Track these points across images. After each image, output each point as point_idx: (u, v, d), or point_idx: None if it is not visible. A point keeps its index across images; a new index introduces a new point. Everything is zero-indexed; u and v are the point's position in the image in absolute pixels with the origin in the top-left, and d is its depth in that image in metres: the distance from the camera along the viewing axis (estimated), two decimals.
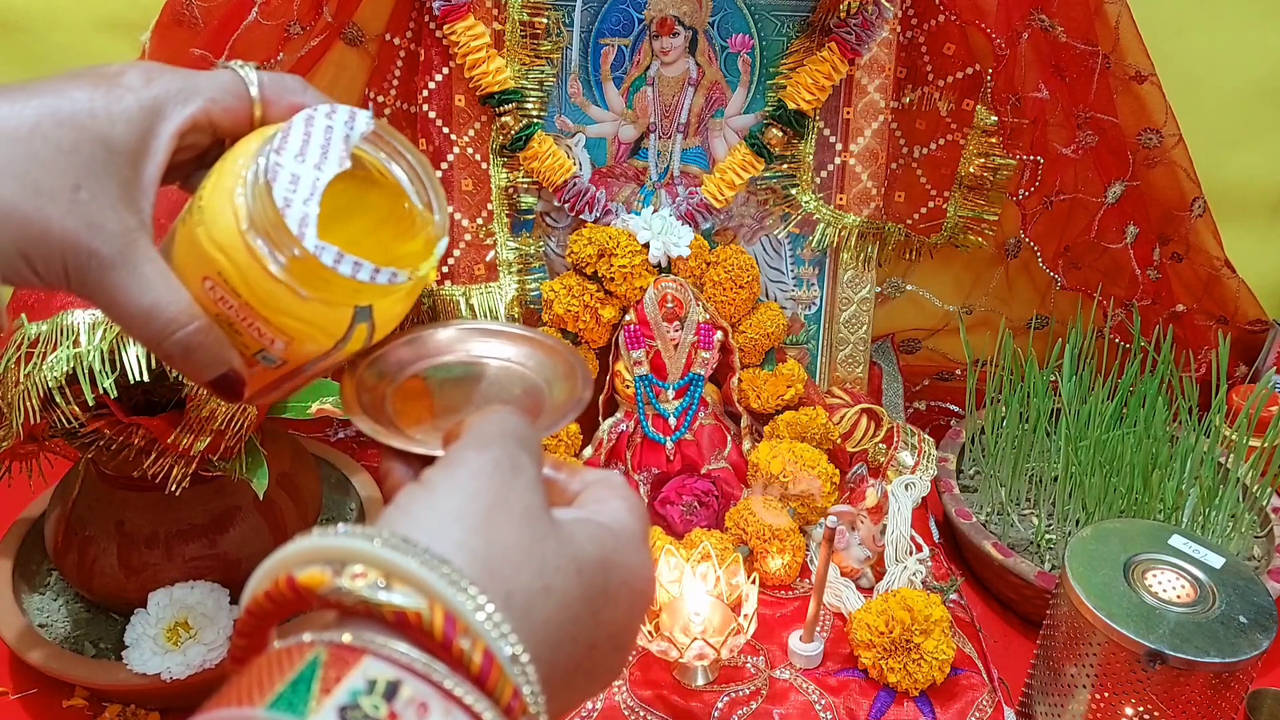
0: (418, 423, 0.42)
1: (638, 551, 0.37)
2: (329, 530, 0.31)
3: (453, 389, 0.45)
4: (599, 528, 0.36)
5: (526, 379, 0.46)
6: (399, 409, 0.43)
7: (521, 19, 0.94)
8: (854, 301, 1.07)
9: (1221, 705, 0.67)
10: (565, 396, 0.44)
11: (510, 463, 0.35)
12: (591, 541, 0.35)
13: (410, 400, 0.44)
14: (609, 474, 0.41)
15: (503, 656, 0.30)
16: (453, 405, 0.44)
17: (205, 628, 0.74)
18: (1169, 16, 1.02)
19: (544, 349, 0.47)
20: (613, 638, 0.35)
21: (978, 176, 1.05)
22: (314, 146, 0.40)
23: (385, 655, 0.28)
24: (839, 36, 0.97)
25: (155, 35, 0.89)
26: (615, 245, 0.95)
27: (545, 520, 0.34)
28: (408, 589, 0.29)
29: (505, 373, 0.46)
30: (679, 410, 0.98)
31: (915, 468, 1.01)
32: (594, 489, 0.39)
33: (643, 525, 0.38)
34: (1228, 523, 0.91)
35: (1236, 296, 1.12)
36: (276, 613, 0.31)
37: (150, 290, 0.40)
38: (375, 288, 0.40)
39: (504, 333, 0.47)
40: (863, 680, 0.79)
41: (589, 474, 0.40)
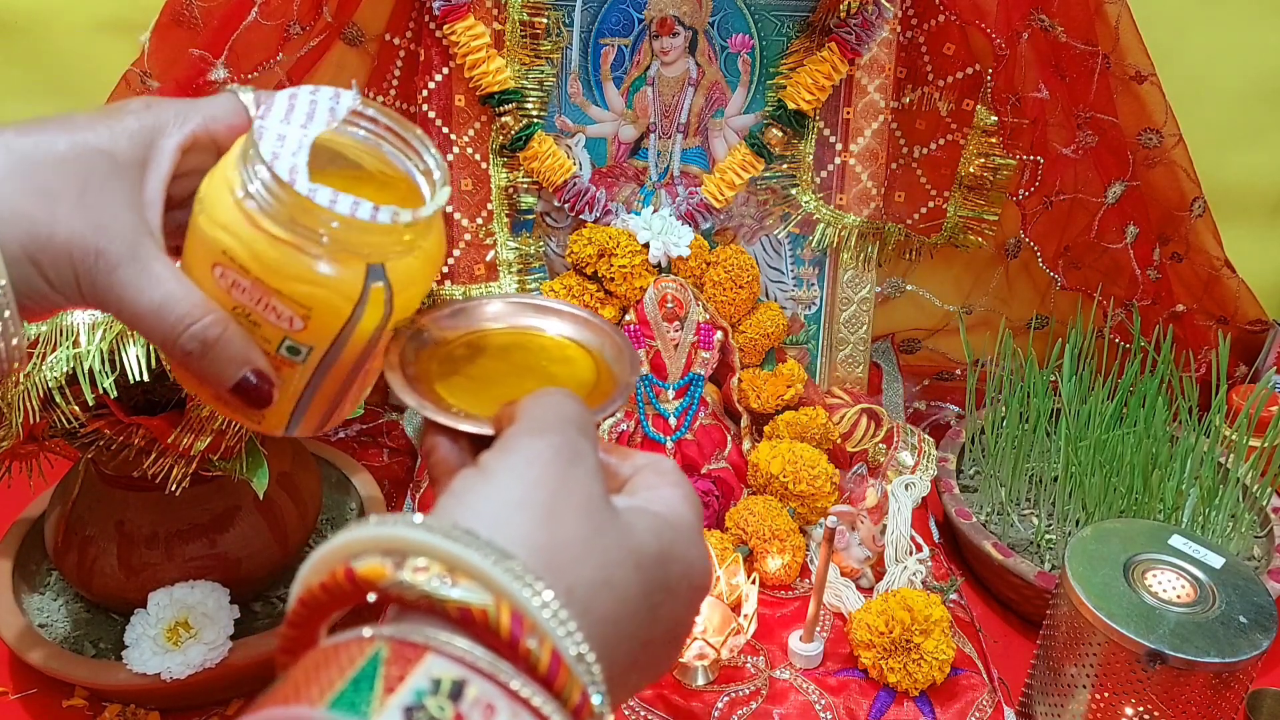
0: (463, 397, 0.40)
1: (695, 544, 0.36)
2: (387, 519, 0.29)
3: (501, 363, 0.43)
4: (656, 519, 0.35)
5: (577, 358, 0.44)
6: (444, 383, 0.41)
7: (521, 19, 0.94)
8: (854, 301, 1.07)
9: (1221, 705, 0.67)
10: (616, 379, 0.42)
11: (570, 450, 0.34)
12: (650, 533, 0.34)
13: (456, 374, 0.42)
14: (659, 459, 0.39)
15: (569, 656, 0.28)
16: (500, 380, 0.42)
17: (205, 628, 0.73)
18: (1169, 16, 1.02)
19: (593, 328, 0.45)
20: (668, 632, 0.34)
21: (978, 176, 1.05)
22: (299, 113, 0.41)
23: (449, 653, 0.27)
24: (839, 36, 0.97)
25: (155, 35, 0.89)
26: (615, 245, 0.95)
27: (606, 510, 0.33)
28: (472, 584, 0.28)
29: (556, 350, 0.44)
30: (679, 410, 0.98)
31: (915, 468, 1.01)
32: (645, 475, 0.38)
33: (697, 515, 0.37)
34: (1228, 523, 0.91)
35: (1236, 296, 1.12)
36: (331, 604, 0.30)
37: (160, 285, 0.39)
38: (381, 236, 0.39)
39: (553, 309, 0.46)
40: (863, 680, 0.79)
41: (639, 458, 0.39)
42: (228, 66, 0.91)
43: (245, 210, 0.39)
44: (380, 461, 1.03)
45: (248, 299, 0.40)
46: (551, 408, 0.36)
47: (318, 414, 0.45)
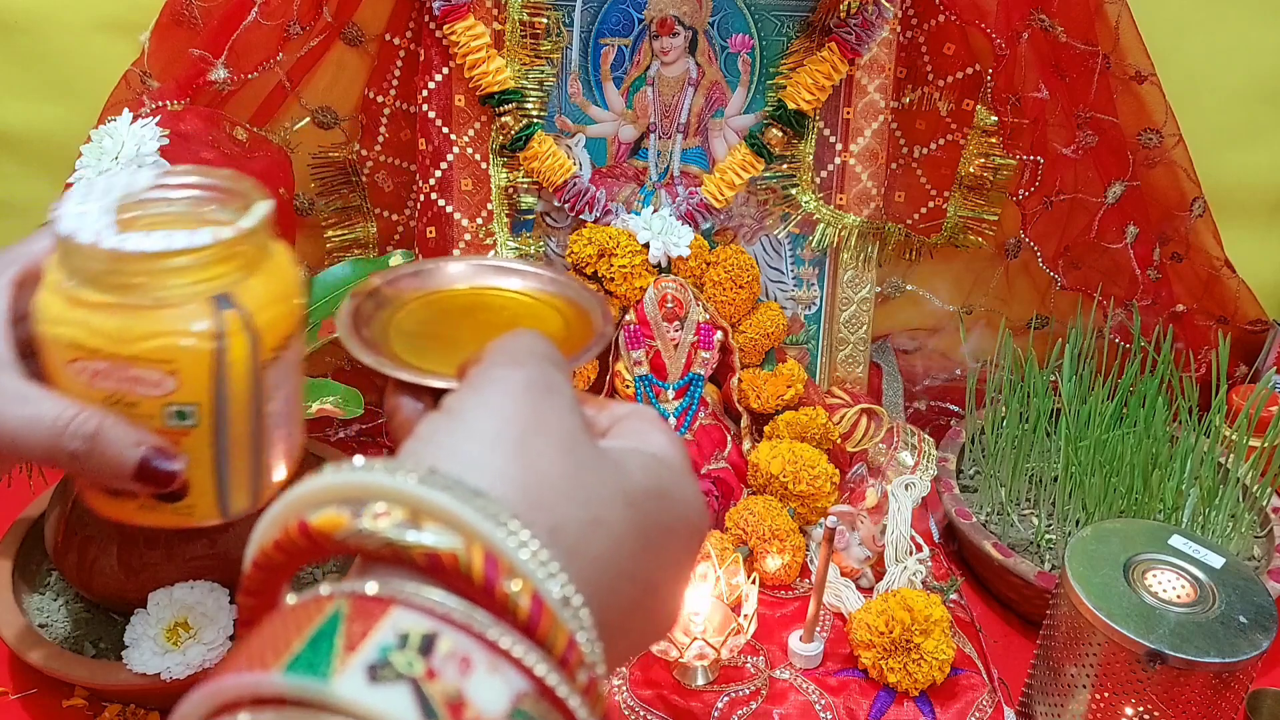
0: (426, 358, 0.38)
1: (690, 483, 0.34)
2: (344, 465, 0.27)
3: (463, 320, 0.41)
4: (649, 457, 0.32)
5: (544, 312, 0.42)
6: (404, 342, 0.39)
7: (521, 19, 0.94)
8: (854, 301, 1.07)
9: (1221, 705, 0.67)
10: (587, 333, 0.40)
11: (544, 382, 0.31)
12: (642, 471, 0.31)
13: (416, 333, 0.40)
14: (641, 407, 0.37)
15: (552, 599, 0.26)
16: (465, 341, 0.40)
17: (205, 628, 0.73)
18: (1169, 16, 1.02)
19: (559, 285, 0.43)
20: (667, 575, 0.32)
21: (978, 176, 1.05)
22: (97, 190, 0.40)
23: (417, 605, 0.24)
24: (839, 36, 0.97)
25: (155, 35, 0.89)
26: (615, 245, 0.95)
27: (589, 445, 0.31)
28: (439, 527, 0.26)
29: (521, 305, 0.42)
30: (679, 410, 0.98)
31: (915, 468, 1.01)
32: (628, 422, 0.35)
33: (687, 459, 0.35)
34: (1228, 523, 0.91)
35: (1236, 296, 1.12)
36: (288, 564, 0.27)
37: (25, 402, 0.39)
38: (209, 261, 0.38)
39: (518, 269, 0.43)
40: (863, 680, 0.79)
41: (618, 408, 0.37)
42: (228, 66, 0.91)
43: (71, 294, 0.38)
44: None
45: (112, 382, 0.39)
46: (521, 343, 0.33)
47: (245, 476, 0.43)
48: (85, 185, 0.41)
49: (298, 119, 0.99)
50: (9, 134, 1.01)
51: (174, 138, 0.75)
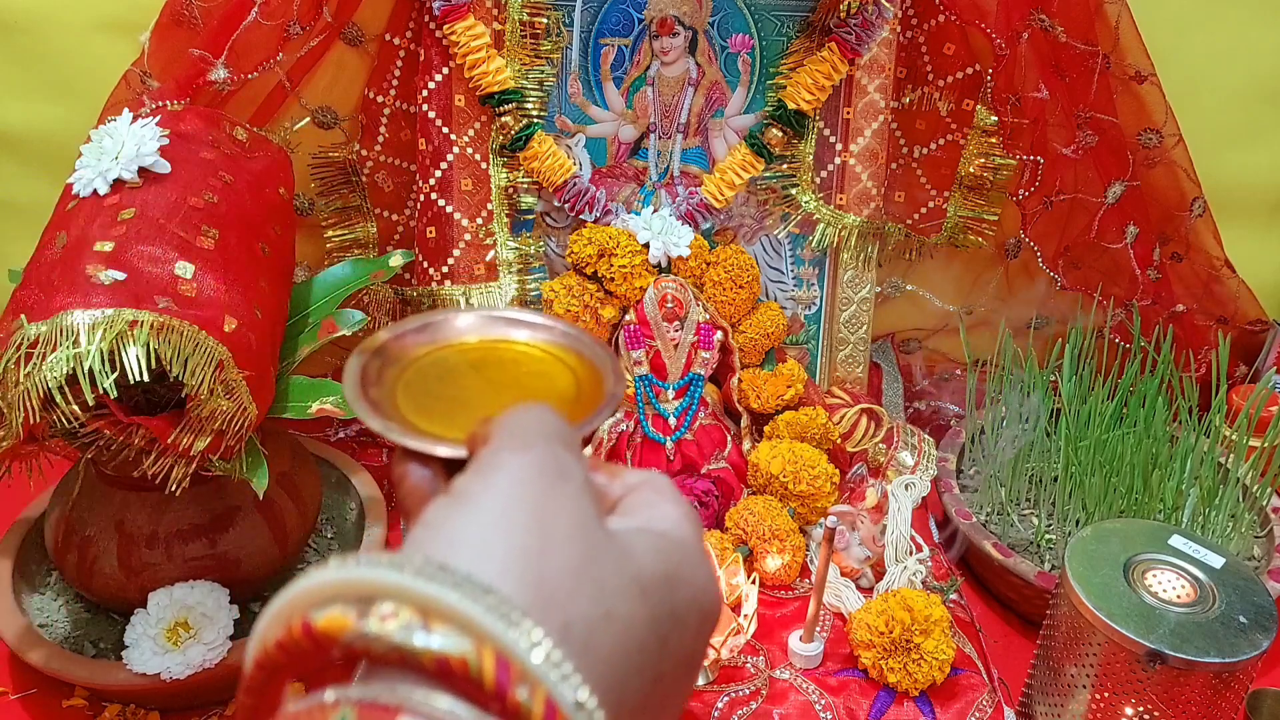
0: (434, 419, 0.37)
1: (702, 564, 0.32)
2: (349, 560, 0.26)
3: (473, 377, 0.40)
4: (659, 538, 0.31)
5: (554, 369, 0.41)
6: (411, 403, 0.38)
7: (521, 19, 0.94)
8: (854, 301, 1.07)
9: (1221, 705, 0.67)
10: (598, 392, 0.39)
11: (555, 466, 0.30)
12: (653, 555, 0.30)
13: (423, 393, 0.39)
14: (654, 475, 0.35)
15: (566, 704, 0.25)
16: (474, 398, 0.39)
17: (205, 628, 0.73)
18: (1169, 16, 1.02)
19: (571, 340, 0.42)
20: (681, 665, 0.31)
21: (978, 176, 1.05)
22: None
23: (426, 714, 0.23)
24: (839, 36, 0.97)
25: (155, 35, 0.89)
26: (615, 245, 0.95)
27: (600, 533, 0.29)
28: (449, 628, 0.25)
29: (532, 360, 0.41)
30: (679, 410, 0.98)
31: (915, 468, 1.01)
32: (641, 493, 0.34)
33: (700, 533, 0.33)
34: (1228, 523, 0.91)
35: (1236, 296, 1.12)
36: (290, 665, 0.26)
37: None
38: None
39: (528, 322, 0.42)
40: (863, 680, 0.79)
41: (630, 475, 0.35)
42: (228, 66, 0.91)
43: None
44: (380, 462, 1.03)
45: None
46: (530, 422, 0.32)
47: None
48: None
49: (298, 119, 0.99)
50: (9, 134, 1.01)
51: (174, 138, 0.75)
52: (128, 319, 0.65)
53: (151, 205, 0.71)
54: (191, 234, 0.71)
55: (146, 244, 0.69)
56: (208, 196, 0.74)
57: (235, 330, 0.69)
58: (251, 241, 0.76)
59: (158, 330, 0.65)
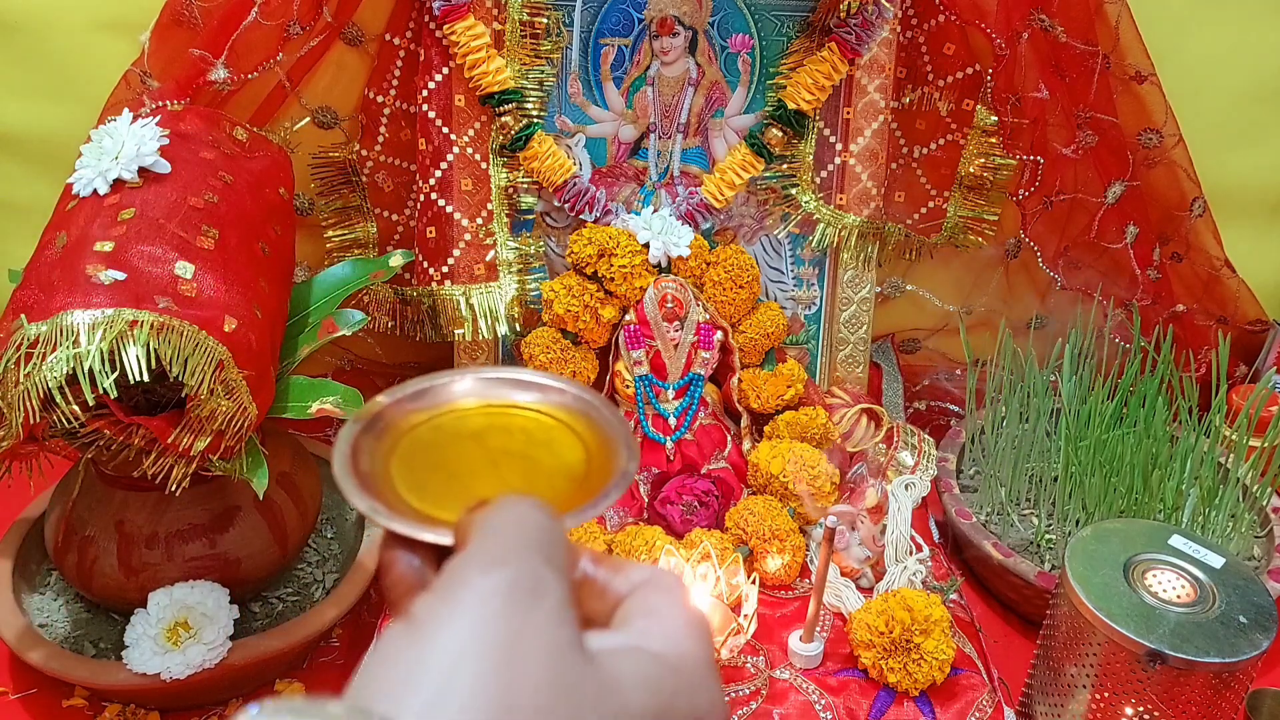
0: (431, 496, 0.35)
1: (705, 688, 0.29)
2: (282, 705, 0.23)
3: (473, 450, 0.37)
4: (652, 662, 0.28)
5: (561, 437, 0.38)
6: (406, 477, 0.35)
7: (521, 19, 0.94)
8: (854, 301, 1.07)
9: (1221, 705, 0.67)
10: (608, 466, 0.36)
11: (529, 584, 0.27)
12: (642, 686, 0.27)
13: (420, 466, 0.36)
14: (660, 574, 0.31)
15: None
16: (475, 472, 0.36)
17: (205, 628, 0.74)
18: (1169, 16, 1.02)
19: (584, 405, 0.39)
20: None
21: (978, 176, 1.05)
22: None
23: None
24: (839, 36, 0.97)
25: (155, 35, 0.89)
26: (615, 245, 0.95)
27: (577, 662, 0.26)
28: None
29: (539, 432, 0.38)
30: (679, 410, 0.98)
31: (915, 468, 1.01)
32: (643, 596, 0.30)
33: (707, 648, 0.30)
34: (1228, 523, 0.91)
35: (1236, 296, 1.12)
36: None
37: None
38: None
39: (535, 383, 0.39)
40: (863, 680, 0.79)
41: (635, 572, 0.32)
42: (228, 66, 0.91)
43: None
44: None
45: None
46: (507, 528, 0.29)
47: None
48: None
49: (298, 119, 0.99)
50: (9, 134, 1.01)
51: (174, 138, 0.75)
52: (128, 319, 0.65)
53: (151, 205, 0.71)
54: (191, 234, 0.71)
55: (146, 244, 0.69)
56: (208, 196, 0.74)
57: (235, 330, 0.69)
58: (251, 241, 0.76)
59: (158, 330, 0.65)
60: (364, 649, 0.82)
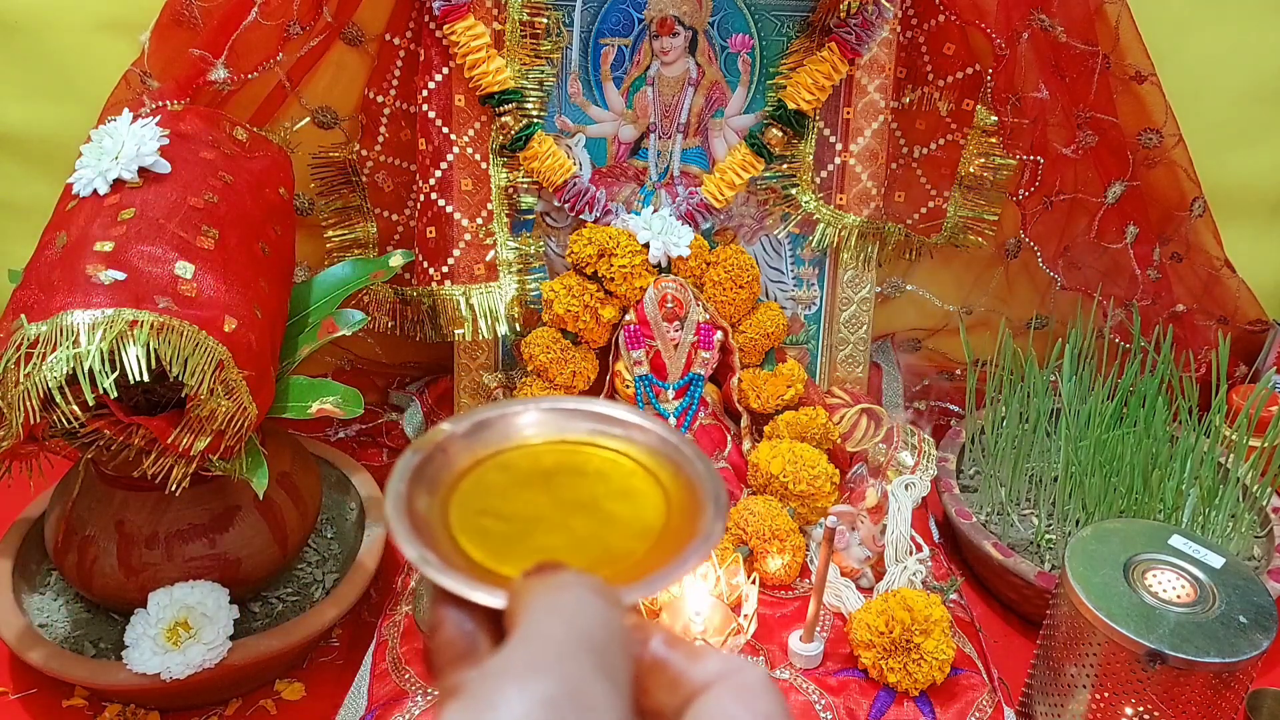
0: (492, 545, 0.31)
1: None
2: None
3: (541, 497, 0.33)
4: None
5: (641, 486, 0.33)
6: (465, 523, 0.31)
7: (521, 19, 0.94)
8: (854, 301, 1.07)
9: (1221, 705, 0.67)
10: (691, 522, 0.31)
11: (573, 699, 0.23)
12: None
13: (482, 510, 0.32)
14: (741, 667, 0.27)
15: None
16: (542, 520, 0.32)
17: (205, 628, 0.73)
18: (1169, 16, 1.02)
19: (670, 450, 0.34)
20: None
21: (978, 176, 1.05)
22: None
23: None
24: (839, 36, 0.97)
25: (155, 35, 0.89)
26: (615, 245, 0.95)
27: None
28: None
29: (617, 477, 0.34)
30: (679, 410, 0.98)
31: (915, 468, 1.01)
32: (719, 697, 0.26)
33: None
34: (1228, 523, 0.91)
35: (1236, 296, 1.12)
36: None
37: None
38: None
39: (615, 418, 0.34)
40: (863, 680, 0.79)
41: (712, 662, 0.27)
42: (227, 66, 0.91)
43: None
44: (380, 461, 1.03)
45: None
46: (557, 619, 0.25)
47: None
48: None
49: (298, 119, 0.99)
50: (9, 134, 1.01)
51: (174, 138, 0.75)
52: (128, 319, 0.65)
53: (151, 205, 0.71)
54: (191, 234, 0.71)
55: (146, 244, 0.69)
56: (208, 196, 0.74)
57: (235, 330, 0.69)
58: (251, 241, 0.76)
59: (158, 330, 0.65)
60: (364, 649, 0.82)
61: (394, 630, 0.82)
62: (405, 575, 0.88)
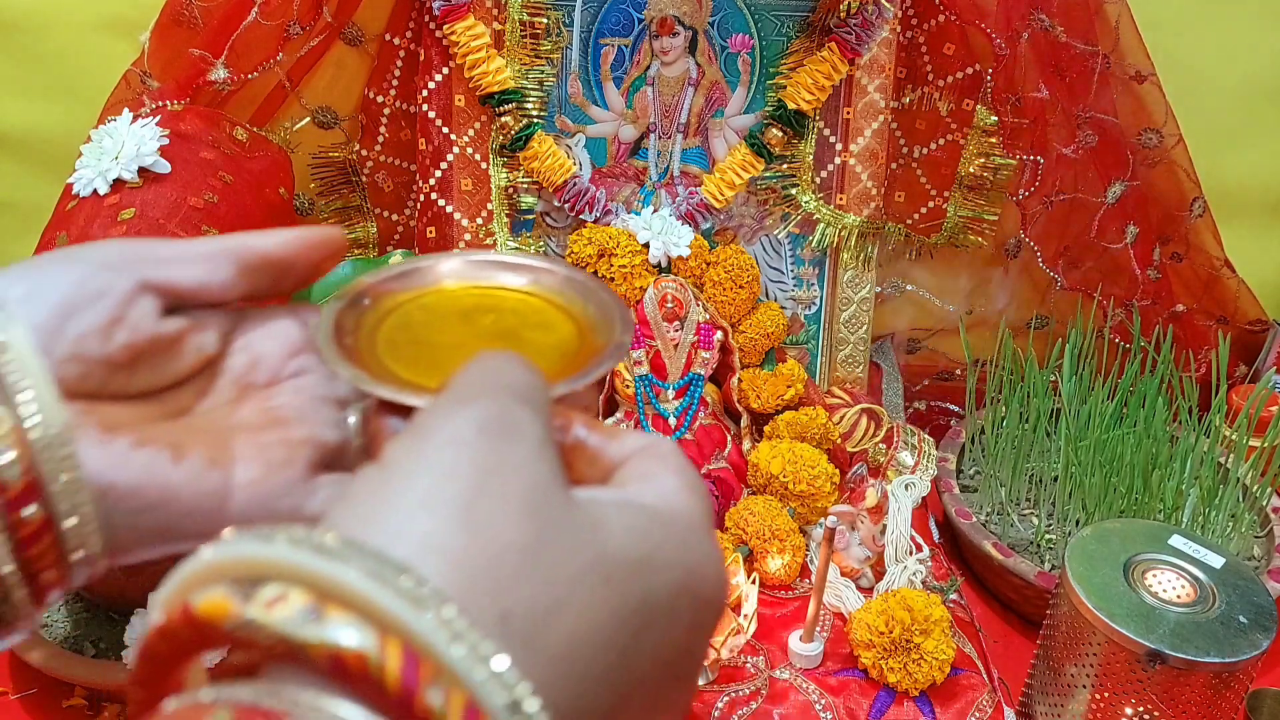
0: (417, 368, 0.33)
1: (699, 543, 0.27)
2: (242, 533, 0.22)
3: (461, 329, 0.36)
4: (640, 513, 0.26)
5: (552, 316, 0.36)
6: (393, 352, 0.34)
7: (521, 19, 0.94)
8: (854, 301, 1.07)
9: (1221, 705, 0.67)
10: (603, 342, 0.34)
11: (501, 423, 0.25)
12: (628, 533, 0.25)
13: (407, 342, 0.35)
14: (657, 440, 0.30)
15: (494, 707, 0.20)
16: (463, 350, 0.34)
17: None
18: (1169, 16, 1.02)
19: (577, 286, 0.37)
20: (667, 665, 0.25)
21: (978, 176, 1.05)
22: None
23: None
24: (839, 36, 0.97)
25: (155, 35, 0.89)
26: (615, 245, 0.95)
27: (557, 504, 0.24)
28: (348, 616, 0.20)
29: (527, 306, 0.37)
30: (679, 410, 0.98)
31: (915, 468, 1.01)
32: (639, 462, 0.29)
33: (704, 506, 0.28)
34: (1228, 523, 0.91)
35: (1236, 296, 1.12)
36: (173, 656, 0.22)
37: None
38: None
39: (526, 265, 0.37)
40: (863, 680, 0.79)
41: (631, 439, 0.30)
42: (228, 66, 0.91)
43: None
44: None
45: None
46: (484, 372, 0.27)
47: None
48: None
49: (298, 119, 0.99)
50: (9, 134, 1.01)
51: (174, 138, 0.75)
52: None
53: (151, 205, 0.71)
54: (191, 234, 0.71)
55: None
56: (208, 196, 0.74)
57: None
58: None
59: None
60: None
61: None
62: None
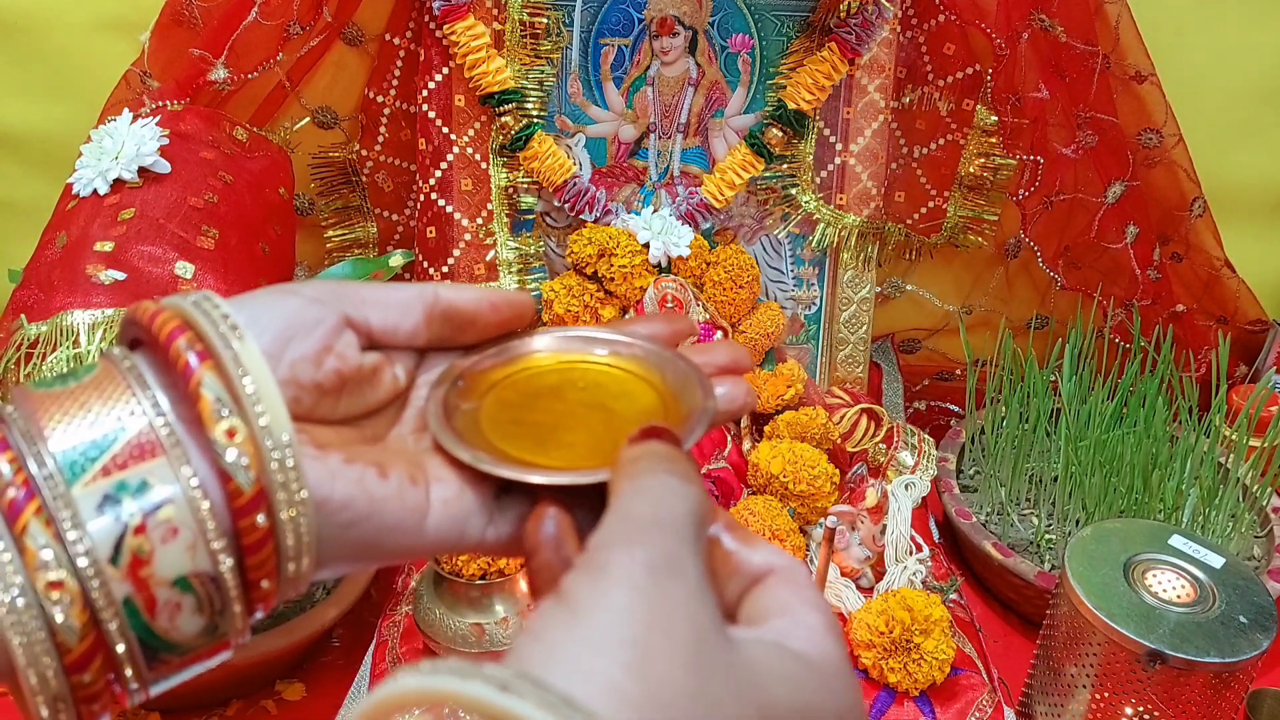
0: (521, 445, 0.35)
1: (846, 690, 0.28)
2: (440, 666, 0.23)
3: (556, 404, 0.38)
4: (794, 661, 0.27)
5: (635, 387, 0.38)
6: (494, 433, 0.36)
7: (521, 19, 0.94)
8: (854, 301, 1.07)
9: (1221, 705, 0.67)
10: (684, 409, 0.36)
11: (668, 564, 0.26)
12: (783, 683, 0.26)
13: (507, 421, 0.36)
14: (790, 563, 0.31)
15: None
16: (561, 423, 0.37)
17: None
18: (1169, 16, 1.02)
19: (653, 356, 0.39)
20: None
21: (978, 176, 1.05)
22: None
23: None
24: (839, 36, 0.97)
25: (155, 35, 0.89)
26: (615, 245, 0.95)
27: (718, 648, 0.25)
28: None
29: (612, 384, 0.39)
30: None
31: (915, 468, 1.01)
32: (776, 590, 0.30)
33: (844, 648, 0.29)
34: (1228, 523, 0.91)
35: (1236, 296, 1.12)
36: None
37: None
38: None
39: (601, 339, 0.40)
40: (863, 680, 0.79)
41: (765, 552, 0.31)
42: (228, 66, 0.91)
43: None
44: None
45: None
46: (649, 503, 0.28)
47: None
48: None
49: (298, 119, 0.99)
50: (9, 134, 1.01)
51: (174, 138, 0.75)
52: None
53: (151, 205, 0.71)
54: (191, 234, 0.71)
55: (146, 244, 0.69)
56: (208, 196, 0.74)
57: None
58: (251, 241, 0.76)
59: None
60: (364, 649, 0.82)
61: (394, 630, 0.82)
62: (405, 575, 0.88)
